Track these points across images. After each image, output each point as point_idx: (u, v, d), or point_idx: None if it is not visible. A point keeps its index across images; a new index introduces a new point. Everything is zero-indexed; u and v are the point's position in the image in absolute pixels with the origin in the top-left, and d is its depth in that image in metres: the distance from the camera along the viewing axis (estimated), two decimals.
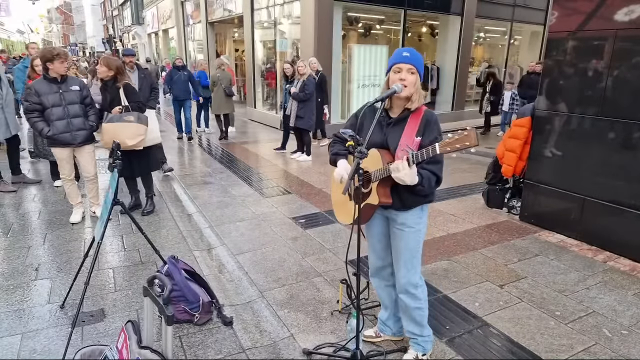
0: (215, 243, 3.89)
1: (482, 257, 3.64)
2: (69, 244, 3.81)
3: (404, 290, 2.24)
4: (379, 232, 2.29)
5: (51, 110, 3.86)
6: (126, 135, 4.06)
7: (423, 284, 2.27)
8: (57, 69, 3.81)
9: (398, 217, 2.14)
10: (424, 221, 2.19)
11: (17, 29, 58.95)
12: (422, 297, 2.25)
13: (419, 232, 2.17)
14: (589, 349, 2.50)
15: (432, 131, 1.97)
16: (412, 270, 2.20)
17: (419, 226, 2.16)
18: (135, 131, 4.14)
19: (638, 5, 3.38)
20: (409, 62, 1.96)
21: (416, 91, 2.00)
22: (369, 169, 2.03)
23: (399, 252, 2.20)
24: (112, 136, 4.01)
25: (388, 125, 2.06)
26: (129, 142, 4.09)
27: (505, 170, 4.46)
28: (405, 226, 2.14)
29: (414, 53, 2.01)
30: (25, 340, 2.51)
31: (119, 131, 4.06)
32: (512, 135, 4.39)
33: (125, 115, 4.13)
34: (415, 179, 1.89)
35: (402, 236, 2.16)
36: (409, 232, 2.15)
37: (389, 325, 2.51)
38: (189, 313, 2.65)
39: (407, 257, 2.18)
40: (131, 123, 4.11)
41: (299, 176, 6.09)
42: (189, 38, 17.80)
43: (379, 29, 10.54)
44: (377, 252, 2.35)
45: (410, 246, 2.17)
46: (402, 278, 2.22)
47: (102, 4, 43.11)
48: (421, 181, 1.93)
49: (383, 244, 2.31)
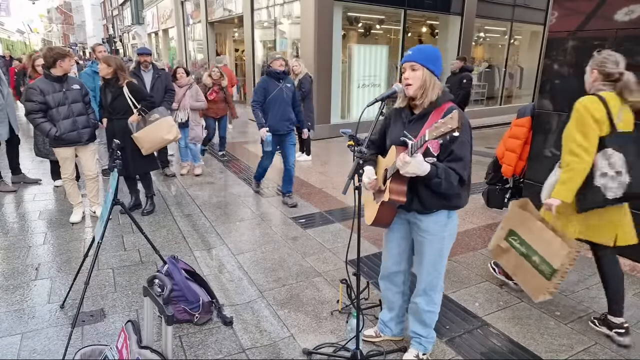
0: (215, 243, 3.88)
1: (482, 257, 3.64)
2: (69, 244, 3.81)
3: (422, 292, 2.20)
4: (399, 236, 2.23)
5: (57, 109, 3.85)
6: (162, 133, 4.20)
7: (442, 288, 2.24)
8: (66, 66, 3.84)
9: (422, 222, 2.07)
10: (450, 229, 2.09)
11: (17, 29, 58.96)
12: (437, 302, 2.22)
13: (443, 239, 2.08)
14: (589, 349, 2.50)
15: None
16: (435, 274, 2.15)
17: (443, 234, 2.07)
18: (167, 126, 4.23)
19: (638, 5, 3.38)
20: (410, 60, 1.94)
21: (423, 86, 1.93)
22: (388, 166, 2.00)
23: (422, 257, 2.15)
24: (151, 141, 4.17)
25: (410, 122, 2.02)
26: (169, 137, 4.25)
27: (505, 170, 4.45)
28: (429, 234, 2.07)
29: (418, 49, 1.97)
30: (25, 340, 2.51)
31: (154, 134, 4.15)
32: (512, 135, 4.39)
33: (149, 117, 4.17)
34: (424, 167, 1.80)
35: (425, 243, 2.10)
36: (432, 240, 2.08)
37: (390, 327, 2.50)
38: (189, 313, 2.65)
39: (430, 262, 2.13)
40: (158, 120, 4.18)
41: (299, 176, 6.09)
42: (189, 38, 17.80)
43: (379, 29, 10.54)
44: (394, 257, 2.29)
45: (434, 253, 2.10)
46: (423, 281, 2.18)
47: (102, 3, 43.10)
48: (436, 172, 1.83)
49: (401, 249, 2.25)
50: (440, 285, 2.21)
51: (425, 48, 1.98)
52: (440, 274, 2.17)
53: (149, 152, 4.27)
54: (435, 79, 1.94)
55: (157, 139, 4.20)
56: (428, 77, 1.93)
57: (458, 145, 1.87)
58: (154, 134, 4.16)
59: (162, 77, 5.46)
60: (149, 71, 5.38)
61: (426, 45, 2.02)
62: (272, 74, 4.63)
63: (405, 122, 2.03)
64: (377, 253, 3.66)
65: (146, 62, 5.39)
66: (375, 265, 3.44)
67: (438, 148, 1.89)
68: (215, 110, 6.68)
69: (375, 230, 3.74)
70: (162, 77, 5.47)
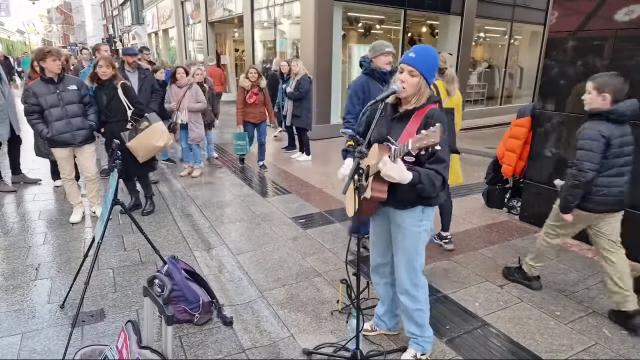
0: (215, 243, 3.88)
1: (482, 257, 3.64)
2: (69, 244, 3.81)
3: (403, 290, 2.23)
4: (380, 230, 2.28)
5: (49, 111, 3.84)
6: (154, 140, 4.15)
7: (424, 285, 2.24)
8: (50, 67, 3.77)
9: (396, 216, 2.12)
10: (424, 225, 2.12)
11: (17, 29, 58.94)
12: (422, 299, 2.23)
13: (418, 234, 2.12)
14: (589, 349, 2.50)
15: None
16: (412, 272, 2.18)
17: (417, 229, 2.10)
18: (157, 132, 4.18)
19: (638, 5, 3.38)
20: (411, 64, 1.94)
21: (416, 93, 1.96)
22: (370, 163, 2.02)
23: (398, 253, 2.19)
24: (144, 149, 4.14)
25: (393, 120, 2.05)
26: (160, 144, 4.19)
27: (505, 170, 4.45)
28: (402, 227, 2.11)
29: (420, 54, 1.96)
30: (25, 340, 2.51)
31: (145, 142, 4.12)
32: (512, 135, 4.39)
33: (139, 126, 4.15)
34: (404, 175, 1.84)
35: (399, 237, 2.14)
36: (405, 233, 2.12)
37: (384, 320, 2.54)
38: (189, 313, 2.65)
39: (405, 258, 2.16)
40: (148, 128, 4.14)
41: (299, 176, 6.09)
42: (189, 38, 17.80)
43: (379, 29, 10.53)
44: (378, 249, 2.35)
45: (407, 248, 2.14)
46: (402, 279, 2.21)
47: (102, 3, 43.10)
48: (419, 179, 1.87)
49: (384, 242, 2.30)
50: (422, 282, 2.22)
51: (428, 56, 1.98)
52: (417, 271, 2.18)
53: (145, 160, 4.24)
54: (427, 86, 1.98)
55: (149, 147, 4.16)
56: (423, 85, 1.96)
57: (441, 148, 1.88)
58: (146, 142, 4.12)
59: (148, 77, 5.46)
60: (134, 72, 5.35)
61: (429, 51, 2.00)
62: (375, 74, 3.28)
63: (389, 119, 2.06)
64: None
65: (135, 63, 5.38)
66: None
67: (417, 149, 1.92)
68: (255, 115, 6.10)
69: None
70: (148, 77, 5.48)
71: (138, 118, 4.23)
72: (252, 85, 5.95)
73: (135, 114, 4.27)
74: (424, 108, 1.98)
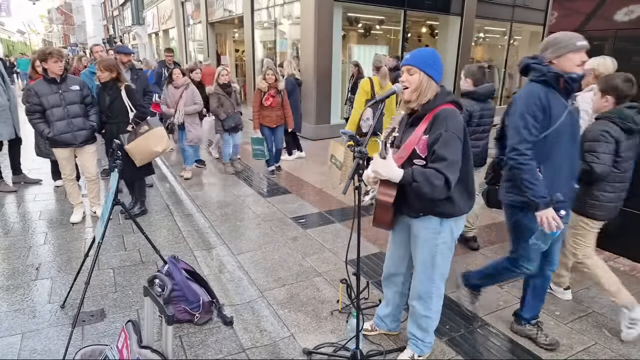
0: (215, 243, 3.89)
1: (482, 257, 3.64)
2: (69, 244, 3.81)
3: (417, 296, 2.20)
4: (399, 240, 2.25)
5: (51, 111, 3.85)
6: (152, 144, 4.08)
7: (439, 295, 2.18)
8: (51, 68, 3.79)
9: (413, 226, 2.10)
10: (443, 237, 2.04)
11: (17, 29, 59.00)
12: (433, 308, 2.20)
13: (435, 247, 2.05)
14: (589, 349, 2.50)
15: (438, 127, 1.88)
16: (429, 281, 2.13)
17: (434, 241, 2.04)
18: (156, 137, 4.12)
19: (638, 5, 3.39)
20: (407, 63, 1.95)
21: (418, 89, 1.93)
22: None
23: (415, 262, 2.17)
24: (142, 153, 4.08)
25: (406, 125, 2.05)
26: (158, 149, 4.13)
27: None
28: (418, 238, 2.09)
29: (416, 53, 1.97)
30: (25, 340, 2.52)
31: (144, 146, 4.07)
32: None
33: (139, 129, 4.10)
34: (391, 171, 1.84)
35: (415, 246, 2.12)
36: (421, 244, 2.08)
37: (385, 322, 2.54)
38: (190, 313, 2.65)
39: (421, 268, 2.13)
40: (148, 132, 4.08)
41: (299, 176, 6.10)
42: (189, 38, 17.81)
43: (379, 29, 10.53)
44: (394, 259, 2.32)
45: (423, 258, 2.10)
46: (416, 286, 2.18)
47: (103, 4, 43.12)
48: (412, 176, 1.84)
49: (401, 253, 2.27)
50: (437, 293, 2.17)
51: (422, 51, 1.98)
52: (434, 281, 2.12)
53: (142, 164, 4.18)
54: (432, 82, 1.94)
55: (147, 151, 4.12)
56: (425, 80, 1.92)
57: (440, 144, 1.85)
58: (145, 146, 4.08)
59: (140, 78, 5.38)
60: (127, 72, 5.29)
61: (424, 49, 2.02)
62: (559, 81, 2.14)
63: (407, 127, 2.05)
64: (377, 253, 3.66)
65: (130, 62, 5.32)
66: (375, 265, 3.44)
67: (425, 149, 1.91)
68: (272, 119, 5.78)
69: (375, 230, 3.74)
70: (141, 78, 5.40)
71: (139, 121, 4.22)
72: (269, 87, 5.66)
73: (138, 117, 4.26)
74: (434, 109, 1.93)
